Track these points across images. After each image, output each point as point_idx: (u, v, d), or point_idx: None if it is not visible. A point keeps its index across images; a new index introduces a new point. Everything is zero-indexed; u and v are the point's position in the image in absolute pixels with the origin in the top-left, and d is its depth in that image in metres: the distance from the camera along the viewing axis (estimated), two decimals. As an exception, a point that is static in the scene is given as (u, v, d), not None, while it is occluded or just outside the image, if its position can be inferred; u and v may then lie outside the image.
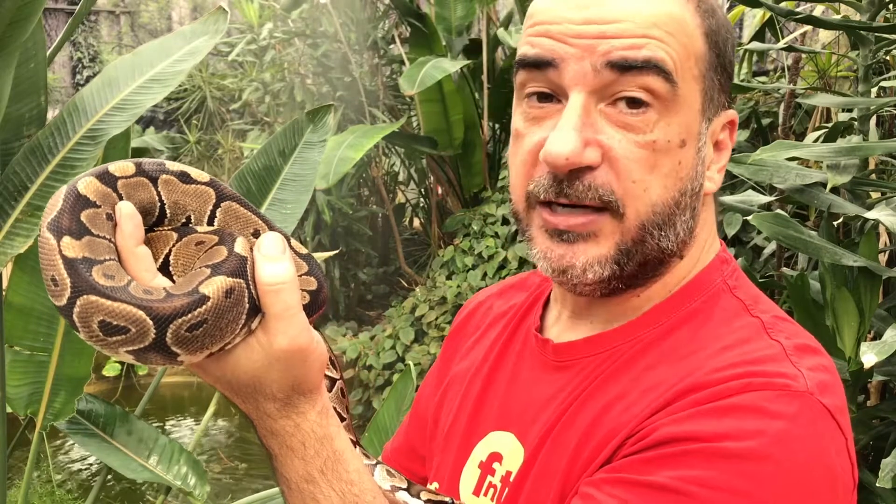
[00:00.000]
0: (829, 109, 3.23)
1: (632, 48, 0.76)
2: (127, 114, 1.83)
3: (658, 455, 0.73)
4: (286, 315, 0.68)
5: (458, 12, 5.53)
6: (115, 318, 0.62)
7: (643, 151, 0.77)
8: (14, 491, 3.64)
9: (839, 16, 2.87)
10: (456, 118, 5.34)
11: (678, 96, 0.77)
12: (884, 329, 1.68)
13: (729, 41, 0.83)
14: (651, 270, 0.84)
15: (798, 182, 1.91)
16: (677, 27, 0.78)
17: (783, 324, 0.81)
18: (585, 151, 0.77)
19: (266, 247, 0.68)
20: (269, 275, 0.67)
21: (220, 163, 8.22)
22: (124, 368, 5.91)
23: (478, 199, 5.63)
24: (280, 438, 0.72)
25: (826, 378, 0.75)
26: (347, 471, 0.74)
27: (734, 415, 0.72)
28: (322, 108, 2.09)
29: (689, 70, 0.78)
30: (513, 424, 0.90)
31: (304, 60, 6.07)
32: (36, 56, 1.85)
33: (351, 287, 6.25)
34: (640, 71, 0.76)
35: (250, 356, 0.69)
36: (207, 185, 0.73)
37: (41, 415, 2.05)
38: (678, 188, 0.80)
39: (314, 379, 0.72)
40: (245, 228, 0.74)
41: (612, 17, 0.77)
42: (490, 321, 1.06)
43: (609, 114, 0.78)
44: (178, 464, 2.16)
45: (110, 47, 10.34)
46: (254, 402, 0.72)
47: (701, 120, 0.80)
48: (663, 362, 0.81)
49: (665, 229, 0.80)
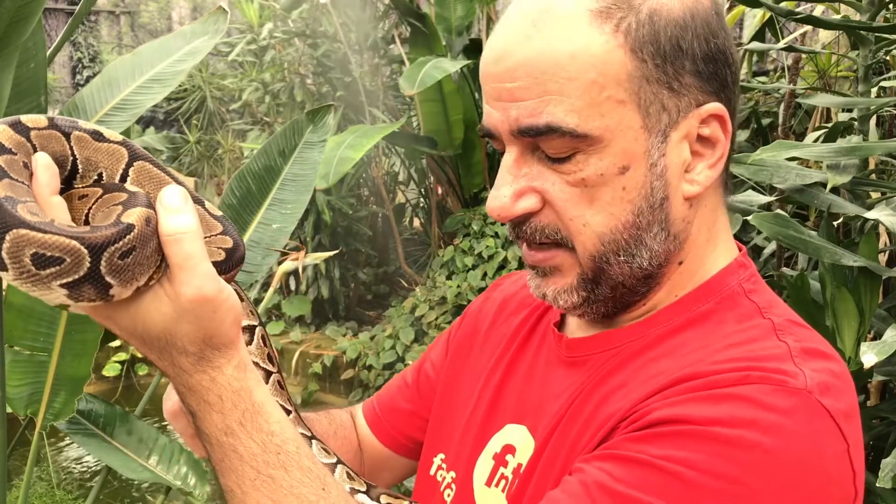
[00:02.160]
0: (829, 109, 3.23)
1: (532, 115, 0.78)
2: (127, 114, 1.83)
3: (649, 434, 0.73)
4: (188, 265, 0.68)
5: (458, 12, 5.53)
6: (49, 249, 0.61)
7: (575, 190, 0.80)
8: (14, 491, 3.64)
9: (839, 16, 2.87)
10: (456, 118, 5.34)
11: (600, 133, 0.78)
12: (884, 329, 1.68)
13: (688, 35, 0.79)
14: (641, 286, 0.85)
15: (798, 182, 1.91)
16: (579, 65, 0.77)
17: (796, 328, 0.81)
18: (518, 202, 0.82)
19: (167, 199, 0.69)
20: (170, 225, 0.68)
21: (220, 163, 8.22)
22: (124, 368, 5.90)
23: (478, 199, 5.63)
24: (197, 394, 0.73)
25: (831, 381, 0.75)
26: (268, 422, 0.74)
27: (728, 402, 0.72)
28: (322, 108, 2.09)
29: (609, 100, 0.77)
30: (527, 417, 0.92)
31: (304, 60, 6.07)
32: (36, 56, 1.85)
33: (351, 287, 6.25)
34: (545, 136, 0.78)
35: (159, 308, 0.69)
36: (120, 145, 0.74)
37: (41, 415, 2.05)
38: (629, 211, 0.81)
39: (228, 332, 0.72)
40: (158, 189, 0.74)
41: (515, 73, 0.79)
42: (515, 306, 1.07)
43: (543, 161, 0.81)
44: (178, 464, 2.16)
45: (110, 47, 10.34)
46: (168, 356, 0.72)
47: (647, 136, 0.79)
48: (668, 356, 0.82)
49: (626, 253, 0.82)
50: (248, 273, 2.08)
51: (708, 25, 0.81)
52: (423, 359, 1.17)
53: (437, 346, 1.17)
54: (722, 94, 0.82)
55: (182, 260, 0.68)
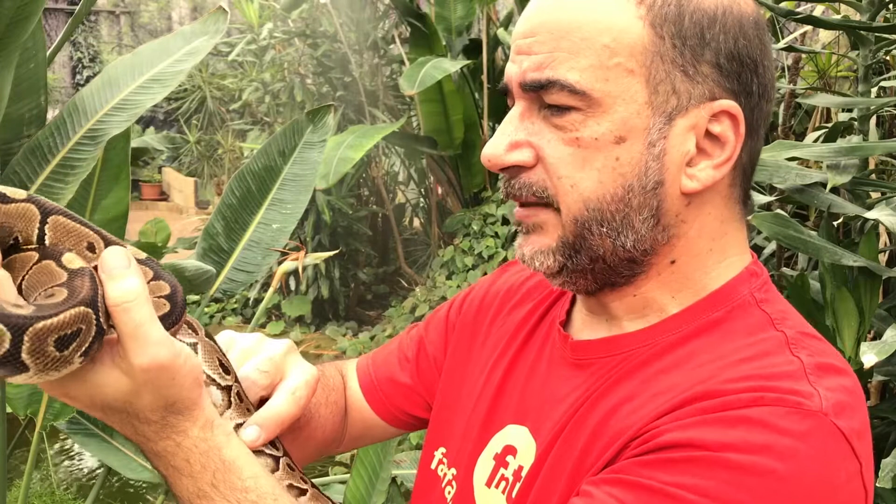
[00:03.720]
0: (829, 109, 3.23)
1: (538, 69, 0.80)
2: (127, 114, 1.83)
3: (660, 458, 0.72)
4: (139, 333, 0.66)
5: (458, 12, 5.54)
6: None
7: (569, 148, 0.80)
8: (14, 491, 3.64)
9: (839, 16, 2.87)
10: (456, 118, 5.34)
11: (601, 96, 0.78)
12: (884, 329, 1.68)
13: (715, 27, 0.79)
14: (624, 269, 0.84)
15: (798, 182, 1.91)
16: (596, 29, 0.78)
17: (809, 340, 0.80)
18: (512, 153, 0.82)
19: (109, 263, 0.66)
20: (117, 293, 0.65)
21: (219, 163, 8.23)
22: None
23: (478, 199, 5.63)
24: (164, 459, 0.71)
25: (845, 399, 0.74)
26: (241, 478, 0.73)
27: (741, 426, 0.70)
28: (322, 108, 2.09)
29: (618, 66, 0.78)
30: (528, 419, 0.91)
31: (304, 60, 6.08)
32: (36, 56, 1.85)
33: (351, 287, 6.25)
34: (546, 89, 0.79)
35: (115, 381, 0.67)
36: (27, 202, 0.69)
37: (41, 415, 2.05)
38: (620, 184, 0.80)
39: (189, 395, 0.70)
40: (79, 243, 0.71)
41: (536, 29, 0.81)
42: (520, 298, 1.05)
43: (546, 117, 0.82)
44: (178, 464, 2.16)
45: (110, 47, 10.35)
46: (130, 426, 0.71)
47: (651, 113, 0.79)
48: (677, 368, 0.80)
49: (611, 225, 0.81)
50: (248, 273, 2.08)
51: (740, 27, 0.81)
52: (419, 336, 1.15)
53: (433, 325, 1.15)
54: (742, 99, 0.81)
55: (133, 329, 0.65)
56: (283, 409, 0.85)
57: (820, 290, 1.94)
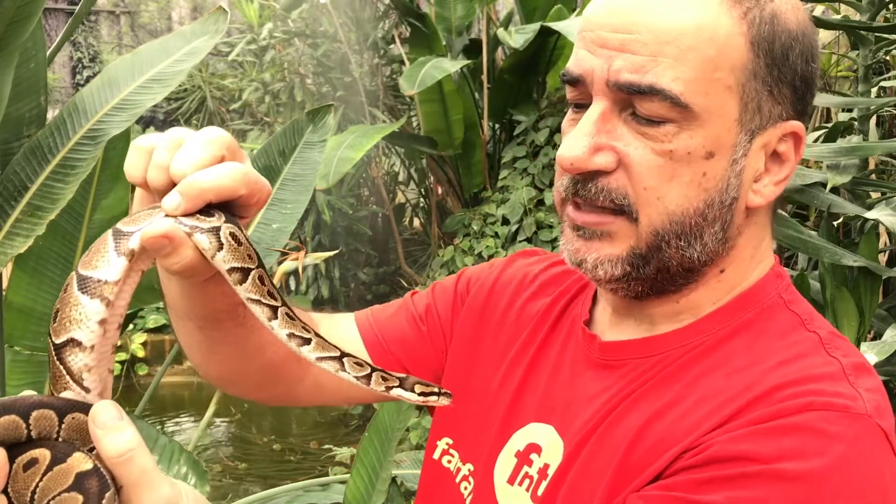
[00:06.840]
0: (829, 109, 3.23)
1: (638, 71, 0.76)
2: (127, 114, 1.83)
3: (715, 476, 0.72)
4: (145, 479, 0.63)
5: (458, 12, 5.53)
6: None
7: (659, 160, 0.78)
8: None
9: (839, 16, 2.87)
10: (456, 118, 5.34)
11: (700, 110, 0.77)
12: (884, 329, 1.68)
13: (796, 49, 0.80)
14: (680, 278, 0.83)
15: (798, 182, 1.91)
16: (702, 38, 0.76)
17: (839, 341, 0.81)
18: (595, 157, 0.79)
19: (101, 418, 0.63)
20: (117, 446, 0.62)
21: (220, 163, 8.20)
22: (124, 368, 5.91)
23: (478, 199, 5.62)
24: None
25: (881, 400, 0.75)
26: None
27: (793, 435, 0.71)
28: (322, 108, 2.09)
29: (718, 81, 0.77)
30: (553, 417, 0.90)
31: (304, 60, 6.07)
32: (36, 56, 1.85)
33: (351, 287, 6.25)
34: (645, 96, 0.76)
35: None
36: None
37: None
38: (703, 199, 0.79)
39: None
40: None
41: (633, 27, 0.77)
42: (536, 289, 1.03)
43: (630, 122, 0.79)
44: (178, 464, 2.16)
45: (110, 47, 10.34)
46: None
47: (739, 131, 0.79)
48: (717, 370, 0.80)
49: (687, 239, 0.80)
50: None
51: (812, 48, 0.82)
52: (426, 304, 1.10)
53: (441, 297, 1.10)
54: (804, 119, 0.83)
55: (139, 476, 0.62)
56: (214, 176, 0.66)
57: (820, 290, 1.94)
